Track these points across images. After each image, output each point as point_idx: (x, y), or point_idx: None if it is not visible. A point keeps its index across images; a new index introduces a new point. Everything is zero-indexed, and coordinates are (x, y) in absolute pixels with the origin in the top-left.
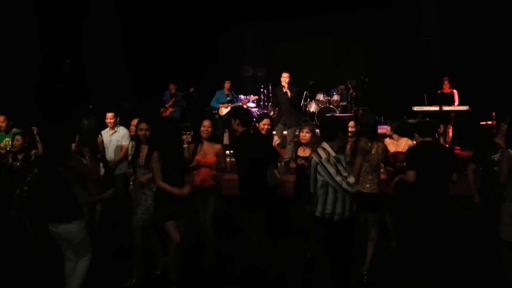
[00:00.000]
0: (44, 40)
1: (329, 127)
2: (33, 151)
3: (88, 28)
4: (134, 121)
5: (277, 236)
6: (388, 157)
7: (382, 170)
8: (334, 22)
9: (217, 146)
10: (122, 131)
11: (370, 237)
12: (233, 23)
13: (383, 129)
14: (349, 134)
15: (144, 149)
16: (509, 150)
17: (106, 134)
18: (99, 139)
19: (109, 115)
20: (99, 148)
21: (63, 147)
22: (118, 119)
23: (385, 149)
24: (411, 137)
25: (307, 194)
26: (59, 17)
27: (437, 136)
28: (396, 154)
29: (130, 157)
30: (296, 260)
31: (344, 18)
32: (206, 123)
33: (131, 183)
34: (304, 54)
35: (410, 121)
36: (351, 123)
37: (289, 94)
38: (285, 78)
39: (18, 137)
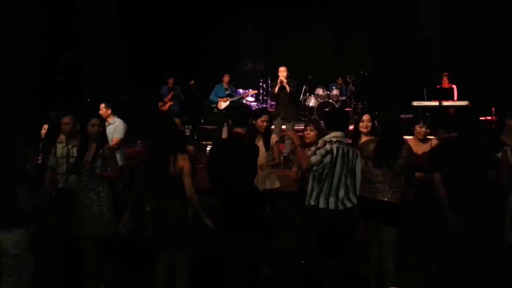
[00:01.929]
0: (42, 33)
1: (341, 117)
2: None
3: (86, 20)
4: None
5: (273, 233)
6: (413, 163)
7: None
8: (334, 16)
9: (190, 148)
10: (117, 123)
11: (388, 259)
12: (232, 16)
13: None
14: (364, 130)
15: (93, 148)
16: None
17: None
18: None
19: (101, 105)
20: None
21: (12, 145)
22: (110, 110)
23: (411, 152)
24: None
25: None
26: (57, 10)
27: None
28: (417, 156)
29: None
30: (289, 260)
31: (343, 12)
32: (176, 121)
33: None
34: (303, 48)
35: (403, 116)
36: (366, 117)
37: (287, 88)
38: (282, 72)
39: (45, 126)
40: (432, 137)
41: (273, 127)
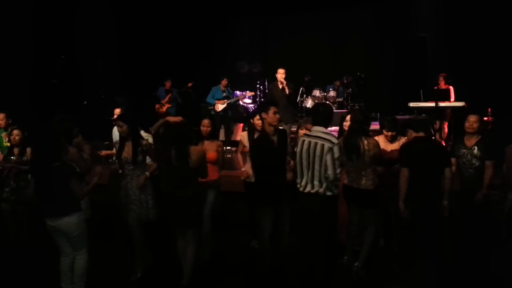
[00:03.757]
0: (37, 36)
1: (323, 112)
2: (28, 149)
3: (82, 23)
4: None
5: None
6: (380, 154)
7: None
8: (330, 18)
9: (218, 143)
10: None
11: (367, 233)
12: (229, 18)
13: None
14: (347, 129)
15: (129, 146)
16: None
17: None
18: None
19: (116, 110)
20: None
21: (56, 142)
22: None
23: (376, 145)
24: (403, 134)
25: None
26: (52, 12)
27: (432, 132)
28: (385, 152)
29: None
30: (292, 256)
31: (340, 14)
32: (206, 122)
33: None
34: (300, 50)
35: (400, 117)
36: (348, 117)
37: (287, 90)
38: (281, 74)
39: (16, 132)
40: (403, 137)
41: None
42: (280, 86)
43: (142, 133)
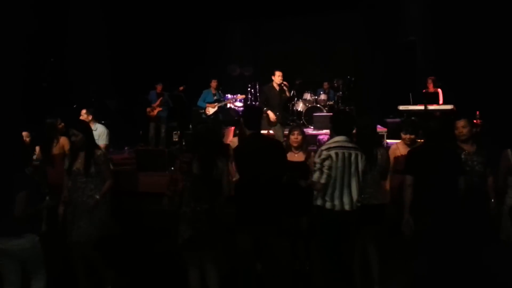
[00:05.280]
0: (27, 39)
1: (345, 121)
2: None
3: (72, 26)
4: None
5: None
6: (392, 165)
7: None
8: (320, 21)
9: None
10: (99, 129)
11: (373, 251)
12: (220, 22)
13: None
14: None
15: (82, 156)
16: (509, 150)
17: None
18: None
19: (82, 111)
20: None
21: (22, 151)
22: (91, 116)
23: (388, 155)
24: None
25: (301, 205)
26: (43, 16)
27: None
28: (399, 158)
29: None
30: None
31: (330, 18)
32: None
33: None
34: (290, 53)
35: (390, 120)
36: None
37: (287, 93)
38: (280, 76)
39: (26, 133)
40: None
41: (272, 132)
42: (278, 88)
43: None
